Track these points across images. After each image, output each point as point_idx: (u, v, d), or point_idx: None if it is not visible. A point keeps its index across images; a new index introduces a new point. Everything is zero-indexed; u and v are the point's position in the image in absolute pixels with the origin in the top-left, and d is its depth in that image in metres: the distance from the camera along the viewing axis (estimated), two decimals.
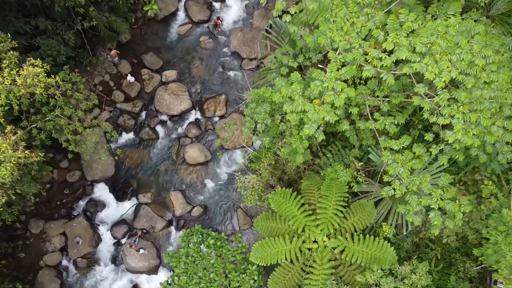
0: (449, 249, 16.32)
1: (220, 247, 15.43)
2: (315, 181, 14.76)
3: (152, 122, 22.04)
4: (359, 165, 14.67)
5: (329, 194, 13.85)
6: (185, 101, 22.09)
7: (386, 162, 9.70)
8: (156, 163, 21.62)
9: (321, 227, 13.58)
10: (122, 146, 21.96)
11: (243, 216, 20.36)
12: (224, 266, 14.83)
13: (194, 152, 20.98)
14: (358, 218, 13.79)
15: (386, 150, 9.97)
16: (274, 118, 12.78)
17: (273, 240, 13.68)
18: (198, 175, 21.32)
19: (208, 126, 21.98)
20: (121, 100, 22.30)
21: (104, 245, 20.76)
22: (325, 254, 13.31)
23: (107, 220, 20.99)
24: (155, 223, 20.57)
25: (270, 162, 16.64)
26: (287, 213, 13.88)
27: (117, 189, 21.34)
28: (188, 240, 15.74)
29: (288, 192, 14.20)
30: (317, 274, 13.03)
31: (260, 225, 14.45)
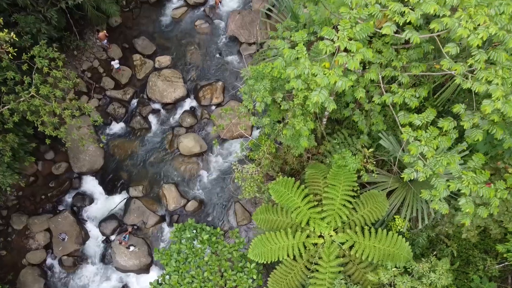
0: (466, 246, 14.87)
1: (215, 243, 13.97)
2: (320, 169, 13.30)
3: (144, 111, 20.59)
4: (369, 151, 13.21)
5: (337, 183, 12.40)
6: (180, 88, 20.64)
7: (407, 140, 8.24)
8: (148, 154, 20.17)
9: (327, 220, 12.13)
10: (111, 136, 20.51)
11: (242, 210, 18.91)
12: (220, 264, 13.37)
13: (189, 142, 19.53)
14: (369, 210, 12.33)
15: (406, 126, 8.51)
16: (275, 96, 11.32)
17: (274, 235, 12.23)
18: (193, 167, 19.86)
19: (204, 115, 20.53)
20: (111, 87, 20.86)
21: (91, 242, 19.30)
22: (332, 250, 11.85)
23: (95, 216, 19.53)
24: (147, 219, 19.12)
25: (270, 150, 15.19)
26: (289, 205, 12.42)
27: (106, 182, 19.90)
28: (180, 235, 14.28)
29: (291, 182, 12.74)
30: (324, 273, 11.57)
31: (259, 218, 12.99)
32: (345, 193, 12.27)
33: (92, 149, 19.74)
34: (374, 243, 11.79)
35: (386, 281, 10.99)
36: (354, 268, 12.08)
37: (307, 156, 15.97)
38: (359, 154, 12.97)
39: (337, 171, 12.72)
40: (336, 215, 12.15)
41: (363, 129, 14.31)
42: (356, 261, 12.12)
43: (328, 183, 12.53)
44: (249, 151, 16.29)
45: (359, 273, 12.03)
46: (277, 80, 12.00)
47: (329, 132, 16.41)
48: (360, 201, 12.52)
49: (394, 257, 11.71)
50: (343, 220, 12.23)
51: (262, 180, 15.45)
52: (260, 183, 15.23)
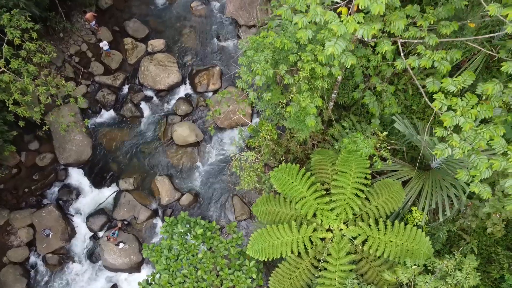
0: (486, 242, 13.44)
1: (210, 238, 12.53)
2: (327, 155, 11.85)
3: (136, 98, 19.14)
4: (383, 135, 11.76)
5: (347, 170, 10.95)
6: (174, 74, 19.19)
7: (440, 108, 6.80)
8: (140, 144, 18.72)
9: (337, 212, 10.68)
10: (100, 124, 19.07)
11: (240, 204, 17.46)
12: (215, 262, 11.93)
13: (184, 131, 18.08)
14: (384, 200, 10.88)
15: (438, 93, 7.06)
16: (278, 70, 9.86)
17: (276, 228, 10.79)
18: (188, 158, 18.42)
19: (200, 102, 19.09)
20: (100, 73, 19.42)
21: (78, 238, 17.85)
22: (343, 245, 10.41)
23: (82, 210, 18.09)
24: (138, 213, 17.68)
25: (271, 136, 13.74)
26: (293, 194, 10.98)
27: (94, 174, 18.45)
28: (171, 230, 12.85)
29: (295, 168, 11.30)
30: (333, 271, 10.13)
31: (259, 210, 11.55)
32: (356, 181, 10.83)
33: (79, 139, 18.31)
34: (391, 237, 10.34)
35: (406, 280, 9.54)
36: (367, 266, 10.63)
37: (312, 143, 14.52)
38: (372, 138, 11.52)
39: (347, 157, 11.28)
40: (347, 205, 10.70)
41: (374, 112, 12.86)
42: (369, 258, 10.66)
43: (338, 170, 11.09)
44: (249, 138, 14.84)
45: (373, 272, 10.58)
46: (280, 52, 10.56)
47: (336, 119, 14.99)
48: (373, 190, 11.07)
49: (413, 253, 10.27)
50: (354, 212, 10.78)
51: (263, 170, 14.00)
52: (260, 173, 13.79)
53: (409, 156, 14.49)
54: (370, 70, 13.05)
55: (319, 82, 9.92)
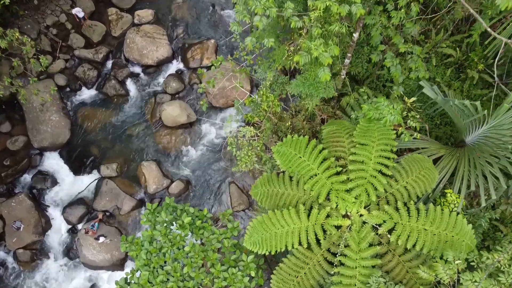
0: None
1: (200, 228, 10.38)
2: (343, 126, 9.69)
3: (120, 74, 17.00)
4: (411, 101, 9.61)
5: (368, 141, 8.80)
6: (163, 47, 17.05)
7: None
8: (125, 125, 16.58)
9: (356, 193, 8.53)
10: (80, 104, 16.93)
11: (238, 193, 15.34)
12: (205, 256, 9.78)
13: (174, 110, 15.94)
14: (414, 179, 8.73)
15: None
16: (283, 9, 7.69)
17: (280, 215, 8.65)
18: (178, 140, 16.28)
19: (192, 79, 16.95)
20: (81, 46, 17.28)
21: (54, 232, 15.74)
22: (364, 235, 8.25)
23: (59, 200, 15.96)
24: (121, 203, 15.55)
25: (274, 109, 11.60)
26: (301, 172, 8.84)
27: (73, 159, 16.31)
28: (154, 219, 10.71)
29: (303, 141, 9.15)
30: (352, 267, 7.98)
31: (259, 192, 9.40)
32: (380, 154, 8.67)
33: (56, 119, 16.17)
34: (425, 225, 8.18)
35: (447, 279, 7.38)
36: (394, 261, 8.46)
37: (321, 118, 12.37)
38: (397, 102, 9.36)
39: (368, 127, 9.12)
40: (368, 185, 8.55)
41: (397, 77, 10.73)
42: (397, 251, 8.50)
43: (356, 143, 8.92)
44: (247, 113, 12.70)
45: (402, 268, 8.42)
46: None
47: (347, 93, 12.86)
48: (401, 167, 8.89)
49: (453, 245, 8.11)
50: (378, 193, 8.63)
51: (263, 148, 11.86)
52: (260, 152, 11.65)
53: (433, 135, 12.38)
54: (391, 30, 10.95)
55: (334, 26, 7.78)
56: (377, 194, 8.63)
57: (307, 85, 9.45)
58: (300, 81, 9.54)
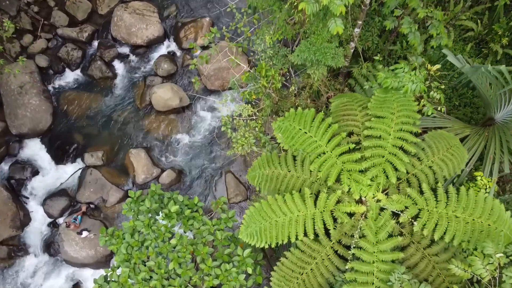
0: None
1: (189, 218, 9.01)
2: (354, 98, 8.31)
3: (107, 55, 15.62)
4: (435, 68, 8.22)
5: (386, 113, 7.43)
6: (154, 25, 15.67)
7: None
8: (112, 110, 15.21)
9: (372, 174, 7.16)
10: (64, 87, 15.56)
11: (235, 183, 13.97)
12: (195, 250, 8.41)
13: (165, 93, 14.55)
14: (442, 158, 7.35)
15: None
16: None
17: (281, 200, 7.27)
18: (170, 126, 14.91)
19: (186, 60, 15.58)
20: (64, 24, 15.90)
21: (33, 226, 14.38)
22: (383, 223, 6.87)
23: (39, 191, 14.60)
24: (107, 194, 14.19)
25: (274, 85, 10.22)
26: (307, 150, 7.47)
27: (55, 146, 14.94)
28: (137, 207, 9.34)
29: (309, 114, 7.78)
30: (369, 262, 6.61)
31: (257, 175, 8.01)
32: (401, 128, 7.29)
33: (36, 103, 14.79)
34: (456, 211, 6.80)
35: (487, 276, 6.00)
36: (418, 255, 7.08)
37: (327, 96, 10.99)
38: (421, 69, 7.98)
39: (385, 97, 7.75)
40: (387, 165, 7.17)
41: (416, 46, 9.34)
42: (422, 242, 7.12)
43: (372, 115, 7.55)
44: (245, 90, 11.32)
45: (428, 264, 7.04)
46: None
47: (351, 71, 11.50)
48: (425, 143, 7.51)
49: (489, 235, 6.73)
50: (399, 174, 7.26)
51: (262, 129, 10.48)
52: (259, 133, 10.27)
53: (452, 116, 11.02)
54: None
55: None
56: (397, 175, 7.25)
57: (313, 51, 8.08)
58: (304, 46, 8.17)
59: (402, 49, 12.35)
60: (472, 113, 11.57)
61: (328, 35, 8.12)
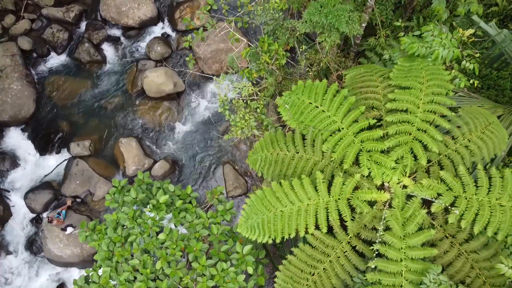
0: None
1: (181, 210, 7.83)
2: (373, 68, 7.10)
3: (96, 37, 14.42)
4: (468, 33, 7.03)
5: (413, 83, 6.23)
6: (147, 5, 14.48)
7: None
8: (100, 96, 14.01)
9: (397, 154, 5.96)
10: (48, 71, 14.37)
11: (234, 175, 12.78)
12: (187, 247, 7.22)
13: (158, 77, 13.37)
14: (480, 136, 6.14)
15: None
16: None
17: (288, 187, 6.08)
18: (164, 114, 13.72)
19: (181, 43, 14.39)
20: (50, 4, 14.72)
21: (14, 222, 13.18)
22: (411, 213, 5.68)
23: (21, 184, 13.41)
24: (95, 187, 13.00)
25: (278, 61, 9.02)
26: (318, 127, 6.27)
27: (38, 135, 13.75)
28: (121, 198, 8.17)
29: (320, 86, 6.58)
30: (396, 261, 5.41)
31: (259, 159, 6.81)
32: (432, 99, 6.09)
33: (17, 88, 13.61)
34: (501, 199, 5.60)
35: None
36: (453, 252, 5.87)
37: (337, 74, 9.79)
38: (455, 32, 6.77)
39: (410, 66, 6.55)
40: (416, 144, 5.97)
41: (441, 13, 8.15)
42: (458, 237, 5.91)
43: (396, 86, 6.35)
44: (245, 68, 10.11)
45: (465, 263, 5.83)
46: None
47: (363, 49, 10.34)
48: (461, 119, 6.30)
49: None
50: (429, 155, 6.06)
51: (264, 111, 9.28)
52: (260, 115, 9.08)
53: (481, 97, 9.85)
54: None
55: None
56: (427, 156, 6.05)
57: (325, 13, 6.88)
58: (314, 8, 6.97)
59: (418, 25, 11.20)
60: (497, 96, 10.48)
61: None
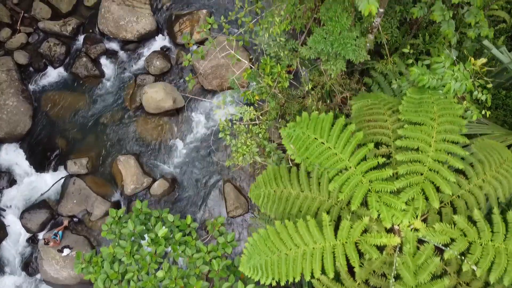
0: None
1: (180, 244, 7.53)
2: (380, 99, 6.80)
3: (94, 51, 14.11)
4: (480, 63, 6.71)
5: (425, 119, 5.92)
6: (146, 18, 14.17)
7: None
8: (98, 112, 13.71)
9: (408, 195, 5.65)
10: (45, 86, 14.08)
11: (234, 194, 12.47)
12: (186, 285, 6.91)
13: (157, 93, 13.06)
14: (494, 175, 5.83)
15: None
16: None
17: (292, 228, 5.77)
18: (163, 130, 13.42)
19: (180, 57, 14.08)
20: (46, 17, 14.43)
21: (10, 241, 12.90)
22: (424, 260, 5.36)
23: (16, 202, 13.11)
24: (92, 207, 12.69)
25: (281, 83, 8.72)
26: (324, 165, 5.95)
27: (35, 153, 13.45)
28: (119, 230, 7.86)
29: (326, 119, 6.26)
30: None
31: (261, 194, 6.51)
32: (445, 137, 5.78)
33: (13, 104, 13.31)
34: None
35: None
36: None
37: (342, 96, 9.48)
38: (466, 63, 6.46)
39: (420, 99, 6.24)
40: (428, 184, 5.66)
41: (450, 37, 7.81)
42: (473, 285, 5.59)
43: (405, 121, 6.04)
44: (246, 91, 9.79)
45: None
46: None
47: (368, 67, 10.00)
48: (474, 157, 5.99)
49: None
50: (442, 197, 5.75)
51: (267, 136, 8.97)
52: (263, 140, 8.76)
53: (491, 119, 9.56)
54: None
55: None
56: (440, 197, 5.74)
57: (331, 41, 6.57)
58: (320, 36, 6.66)
59: (424, 43, 10.90)
60: (505, 116, 10.21)
61: (348, 22, 6.62)
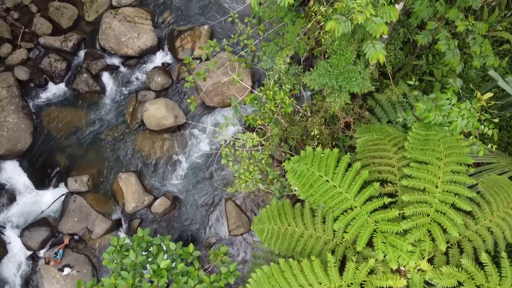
0: None
1: (182, 274, 7.45)
2: (385, 133, 6.72)
3: (95, 67, 14.04)
4: (486, 97, 6.65)
5: (431, 158, 5.85)
6: (147, 34, 14.10)
7: None
8: (99, 129, 13.64)
9: (414, 237, 5.58)
10: (46, 102, 14.00)
11: (236, 213, 12.40)
12: None
13: (158, 110, 12.99)
14: (501, 216, 5.76)
15: None
16: None
17: (297, 268, 5.70)
18: (164, 147, 13.34)
19: (182, 72, 14.01)
20: (47, 33, 14.35)
21: (10, 260, 12.81)
22: None
23: (16, 220, 13.04)
24: (93, 225, 12.61)
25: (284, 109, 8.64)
26: (329, 204, 5.88)
27: (35, 170, 13.37)
28: (120, 259, 7.79)
29: (331, 156, 6.19)
30: None
31: (265, 230, 6.43)
32: (451, 179, 5.71)
33: (13, 121, 13.24)
34: None
35: None
36: None
37: (346, 121, 9.41)
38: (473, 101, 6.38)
39: (426, 136, 6.17)
40: (434, 226, 5.59)
41: (455, 66, 7.78)
42: None
43: (412, 159, 5.97)
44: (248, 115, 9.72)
45: None
46: None
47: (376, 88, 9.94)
48: (481, 197, 5.92)
49: None
50: (448, 237, 5.68)
51: (270, 162, 8.90)
52: (265, 166, 8.69)
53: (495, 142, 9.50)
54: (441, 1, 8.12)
55: None
56: (448, 240, 5.67)
57: (335, 75, 6.51)
58: (324, 69, 6.59)
59: (427, 64, 10.87)
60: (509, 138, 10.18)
61: (353, 56, 6.56)
